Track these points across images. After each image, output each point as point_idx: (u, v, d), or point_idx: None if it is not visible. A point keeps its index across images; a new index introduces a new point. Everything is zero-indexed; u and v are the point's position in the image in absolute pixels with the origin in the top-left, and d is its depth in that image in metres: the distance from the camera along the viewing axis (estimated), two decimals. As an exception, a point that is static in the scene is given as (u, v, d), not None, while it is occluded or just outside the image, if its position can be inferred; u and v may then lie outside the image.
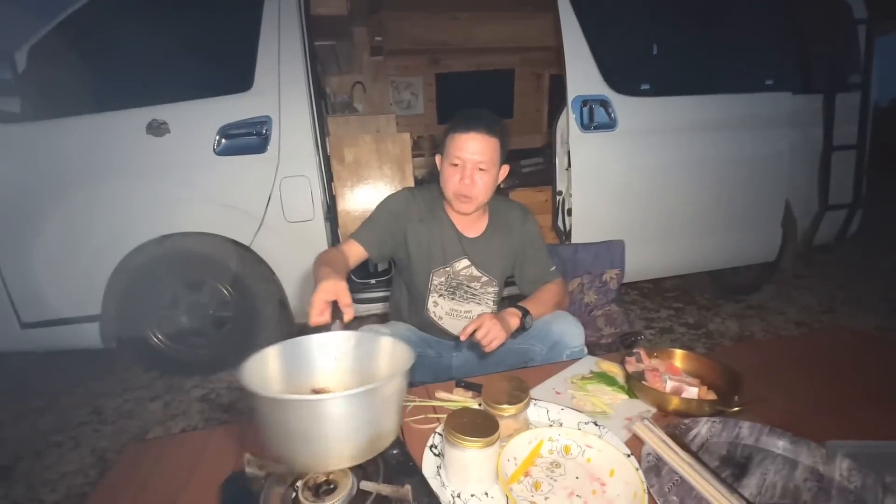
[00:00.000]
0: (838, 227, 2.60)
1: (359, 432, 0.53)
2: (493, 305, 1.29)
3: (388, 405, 0.56)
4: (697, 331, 2.38)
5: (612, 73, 2.02)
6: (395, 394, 0.57)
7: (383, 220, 1.20)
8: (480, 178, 1.13)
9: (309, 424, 0.50)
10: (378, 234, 1.19)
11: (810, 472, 0.68)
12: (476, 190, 1.13)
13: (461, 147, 1.11)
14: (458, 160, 1.12)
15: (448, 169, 1.15)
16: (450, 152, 1.14)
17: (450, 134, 1.14)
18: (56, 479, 1.49)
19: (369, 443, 0.54)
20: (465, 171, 1.12)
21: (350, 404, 0.51)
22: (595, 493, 0.65)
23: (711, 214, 2.28)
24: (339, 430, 0.51)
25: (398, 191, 1.26)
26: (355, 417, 0.52)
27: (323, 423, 0.50)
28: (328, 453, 0.52)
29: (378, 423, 0.55)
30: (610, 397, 0.90)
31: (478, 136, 1.10)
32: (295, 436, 0.51)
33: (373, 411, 0.54)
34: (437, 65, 3.85)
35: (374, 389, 0.51)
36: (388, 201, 1.23)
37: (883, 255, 3.58)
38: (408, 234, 1.20)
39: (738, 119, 2.21)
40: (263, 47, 1.85)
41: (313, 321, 0.80)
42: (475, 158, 1.11)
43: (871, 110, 2.46)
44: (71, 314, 1.85)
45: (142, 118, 1.79)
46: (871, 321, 2.43)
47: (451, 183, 1.14)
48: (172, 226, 1.86)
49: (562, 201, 2.18)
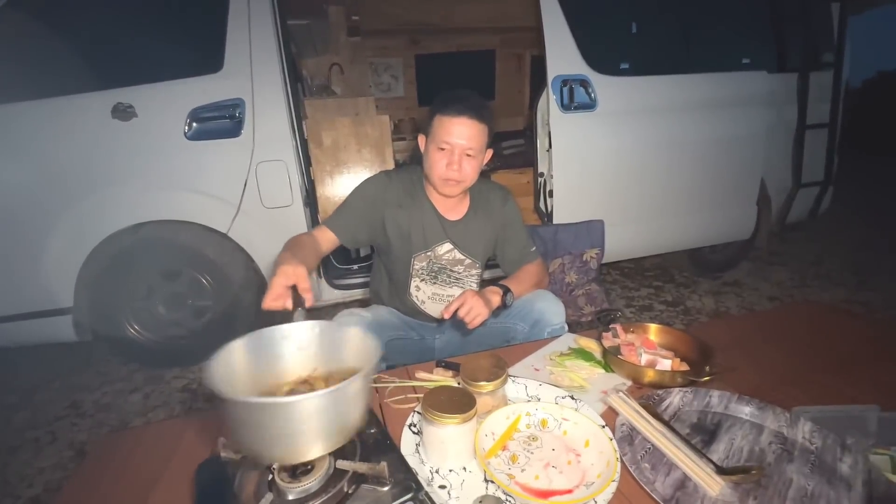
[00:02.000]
0: (811, 204, 2.67)
1: (327, 427, 0.53)
2: (476, 287, 1.29)
3: (356, 399, 0.56)
4: (676, 308, 2.44)
5: (592, 53, 2.00)
6: (363, 389, 0.57)
7: (358, 206, 1.17)
8: (468, 164, 1.11)
9: (276, 424, 0.50)
10: (351, 221, 1.16)
11: (775, 436, 0.71)
12: (463, 174, 1.11)
13: (449, 131, 1.08)
14: (447, 145, 1.09)
15: (434, 153, 1.11)
16: (437, 136, 1.10)
17: (437, 115, 1.10)
18: (33, 474, 1.46)
19: (338, 434, 0.55)
20: (453, 156, 1.09)
21: (318, 404, 0.51)
22: (570, 464, 0.66)
23: (690, 194, 2.31)
24: (308, 428, 0.51)
25: (374, 175, 1.22)
26: (323, 415, 0.52)
27: (290, 421, 0.50)
28: (297, 448, 0.53)
29: (346, 416, 0.55)
30: (587, 372, 0.91)
31: (467, 122, 1.07)
32: (263, 434, 0.51)
33: (341, 407, 0.54)
34: (417, 46, 3.77)
35: (340, 388, 0.51)
36: (363, 186, 1.19)
37: (852, 231, 3.71)
38: (386, 219, 1.18)
39: (716, 98, 2.22)
40: (233, 26, 1.78)
41: (266, 304, 0.79)
42: (464, 144, 1.08)
43: (843, 89, 2.51)
44: (41, 307, 1.79)
45: (106, 101, 1.71)
46: (840, 294, 2.52)
47: (437, 167, 1.11)
48: (145, 214, 1.80)
49: (543, 183, 2.18)
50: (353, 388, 0.53)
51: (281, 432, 0.51)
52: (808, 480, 0.62)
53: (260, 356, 0.64)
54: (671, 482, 0.62)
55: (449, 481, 0.64)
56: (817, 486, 0.60)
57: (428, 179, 1.18)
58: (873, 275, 2.75)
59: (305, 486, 0.55)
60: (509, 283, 1.15)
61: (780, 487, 0.61)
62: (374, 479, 0.57)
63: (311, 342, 0.67)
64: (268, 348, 0.65)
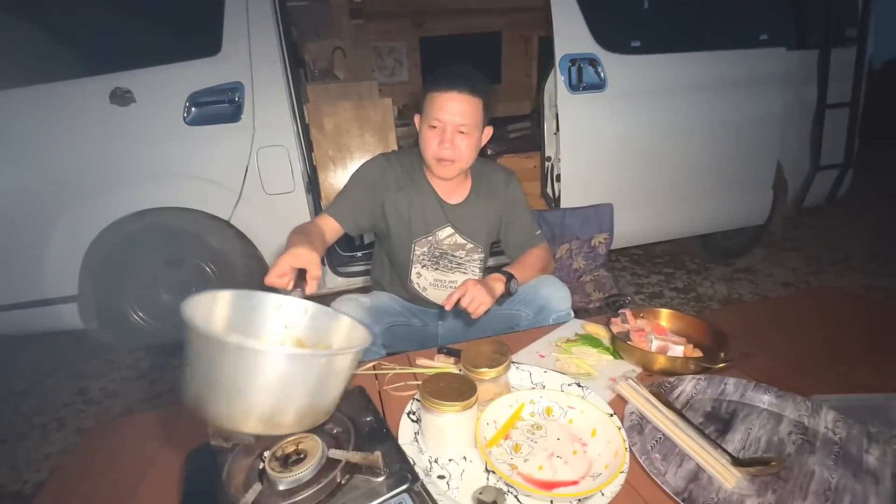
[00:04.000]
0: (829, 188, 2.58)
1: (291, 400, 0.49)
2: (480, 273, 1.25)
3: (336, 377, 0.52)
4: (687, 295, 2.39)
5: (602, 30, 1.92)
6: (346, 369, 0.53)
7: (358, 191, 1.12)
8: (462, 142, 1.05)
9: (240, 374, 0.46)
10: (353, 207, 1.11)
11: (795, 426, 0.67)
12: (457, 153, 1.05)
13: (441, 108, 1.03)
14: (438, 122, 1.04)
15: (427, 131, 1.06)
16: (428, 113, 1.05)
17: (428, 93, 1.05)
18: (40, 459, 1.47)
19: (308, 412, 0.51)
20: (445, 133, 1.04)
21: (293, 364, 0.47)
22: (576, 454, 0.63)
23: (702, 177, 2.24)
24: (269, 391, 0.47)
25: (373, 158, 1.17)
26: (297, 380, 0.48)
27: (256, 376, 0.46)
28: (249, 412, 0.48)
29: (321, 393, 0.51)
30: (594, 359, 0.88)
31: (459, 97, 1.02)
32: (219, 383, 0.46)
33: (321, 379, 0.50)
34: (421, 28, 3.68)
35: (323, 357, 0.48)
36: (362, 171, 1.14)
37: (870, 216, 3.59)
38: (385, 204, 1.13)
39: (731, 77, 2.13)
40: (230, 7, 1.73)
41: (268, 280, 0.75)
42: (456, 121, 1.03)
43: (866, 66, 2.39)
44: (47, 295, 1.80)
45: (104, 86, 1.68)
46: (858, 281, 2.44)
47: (430, 146, 1.06)
48: (147, 201, 1.78)
49: (550, 167, 2.13)
50: (338, 362, 0.50)
51: (237, 385, 0.46)
52: (831, 473, 0.58)
53: (243, 317, 0.60)
54: (683, 474, 0.59)
55: (448, 471, 0.62)
56: (842, 479, 0.56)
57: (424, 159, 1.12)
58: (893, 261, 2.66)
59: (296, 475, 0.53)
60: (513, 269, 1.10)
61: (802, 480, 0.57)
62: (369, 469, 0.54)
63: (300, 322, 0.63)
64: (255, 311, 0.62)
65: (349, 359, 0.53)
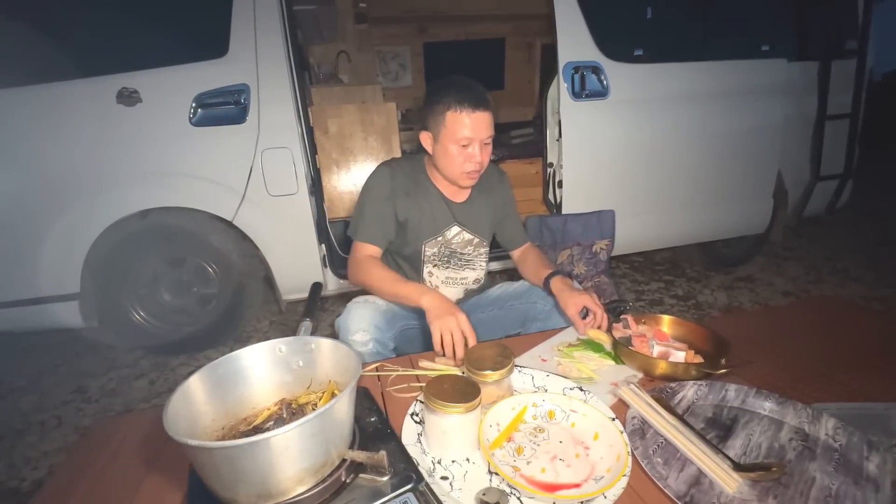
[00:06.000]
0: (829, 198, 2.59)
1: (309, 460, 0.50)
2: (485, 265, 1.29)
3: (336, 424, 0.53)
4: (687, 302, 2.39)
5: (605, 39, 1.94)
6: (345, 409, 0.54)
7: (377, 208, 1.15)
8: (487, 153, 1.12)
9: (243, 466, 0.46)
10: (380, 225, 1.15)
11: (795, 432, 0.67)
12: (483, 163, 1.11)
13: (471, 128, 1.05)
14: (468, 141, 1.07)
15: (455, 150, 1.08)
16: (456, 133, 1.06)
17: (450, 112, 1.05)
18: (38, 457, 1.47)
19: (323, 464, 0.52)
20: (476, 149, 1.08)
21: (290, 437, 0.47)
22: (578, 457, 0.63)
23: (703, 186, 2.25)
24: (283, 465, 0.48)
25: (376, 170, 1.18)
26: (300, 447, 0.49)
27: (259, 463, 0.47)
28: (275, 488, 0.49)
29: (328, 443, 0.52)
30: (596, 364, 0.88)
31: (484, 115, 1.06)
32: (234, 478, 0.48)
33: (320, 436, 0.50)
34: (425, 33, 3.71)
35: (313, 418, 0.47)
36: (372, 186, 1.16)
37: (871, 226, 3.60)
38: (397, 211, 1.16)
39: (733, 87, 2.15)
40: (238, 10, 1.75)
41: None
42: (484, 136, 1.08)
43: (866, 78, 2.41)
44: (48, 293, 1.80)
45: (111, 86, 1.70)
46: (858, 290, 2.45)
47: (459, 163, 1.09)
48: (150, 201, 1.79)
49: (552, 173, 2.14)
50: (333, 412, 0.50)
51: (252, 474, 0.47)
52: (831, 480, 0.58)
53: (224, 390, 0.61)
54: (685, 478, 0.59)
55: (451, 472, 0.62)
56: (842, 486, 0.57)
57: (442, 174, 1.16)
58: (893, 271, 2.67)
59: (301, 474, 0.53)
60: (549, 267, 1.16)
61: (802, 486, 0.57)
62: (373, 468, 0.54)
63: (280, 365, 0.64)
64: (233, 380, 0.62)
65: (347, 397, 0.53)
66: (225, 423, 0.60)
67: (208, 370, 0.60)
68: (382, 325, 1.05)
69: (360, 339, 1.01)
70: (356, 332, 1.02)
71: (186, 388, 0.55)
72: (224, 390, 0.61)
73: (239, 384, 0.62)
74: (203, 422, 0.57)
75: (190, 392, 0.56)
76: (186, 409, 0.54)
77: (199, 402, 0.57)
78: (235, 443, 0.44)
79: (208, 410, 0.58)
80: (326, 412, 0.48)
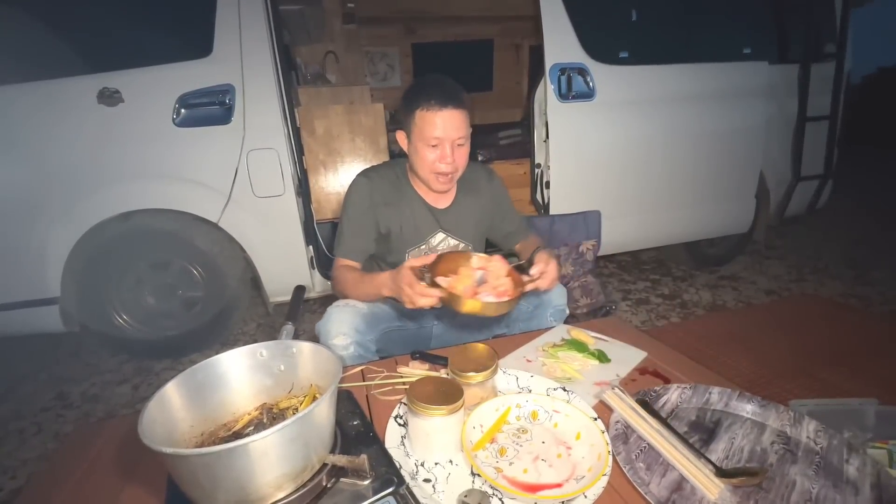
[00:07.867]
0: (809, 198, 2.65)
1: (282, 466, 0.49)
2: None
3: (316, 429, 0.52)
4: (672, 301, 2.42)
5: (591, 41, 1.96)
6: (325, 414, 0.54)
7: (358, 221, 1.14)
8: (459, 154, 1.08)
9: (221, 473, 0.46)
10: (361, 239, 1.14)
11: (777, 435, 0.68)
12: (455, 165, 1.09)
13: (439, 126, 1.04)
14: (437, 140, 1.05)
15: (424, 149, 1.07)
16: (424, 132, 1.05)
17: (419, 111, 1.05)
18: (17, 465, 1.43)
19: (304, 469, 0.51)
20: (445, 149, 1.06)
21: (266, 444, 0.46)
22: (560, 457, 0.64)
23: (688, 186, 2.28)
24: (264, 470, 0.48)
25: (354, 182, 1.17)
26: (280, 452, 0.48)
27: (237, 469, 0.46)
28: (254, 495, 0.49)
29: (308, 448, 0.51)
30: (580, 363, 0.89)
31: (454, 113, 1.04)
32: (208, 484, 0.47)
33: (299, 441, 0.50)
34: (414, 34, 3.70)
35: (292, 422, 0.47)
36: (352, 199, 1.15)
37: (851, 226, 3.69)
38: (379, 221, 1.15)
39: (716, 89, 2.19)
40: (222, 9, 1.73)
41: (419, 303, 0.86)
42: (453, 136, 1.05)
43: (844, 81, 2.47)
44: (28, 297, 1.76)
45: (92, 86, 1.67)
46: (837, 288, 2.50)
47: (428, 164, 1.08)
48: (133, 202, 1.76)
49: (540, 174, 2.15)
50: (313, 416, 0.50)
51: (230, 481, 0.46)
52: (812, 483, 0.59)
53: (202, 397, 0.60)
54: (667, 484, 0.60)
55: (434, 475, 0.62)
56: (822, 489, 0.57)
57: (417, 176, 1.15)
58: (872, 269, 2.73)
59: (281, 479, 0.52)
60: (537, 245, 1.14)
61: (783, 490, 0.58)
62: (354, 472, 0.54)
63: (260, 370, 0.64)
64: (211, 386, 0.61)
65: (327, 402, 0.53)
66: (204, 429, 0.59)
67: (186, 376, 0.59)
68: (363, 328, 1.04)
69: (340, 342, 1.00)
70: (336, 336, 1.00)
71: (163, 395, 0.54)
72: (203, 396, 0.60)
73: (219, 389, 0.62)
74: (181, 428, 0.56)
75: (167, 398, 0.55)
76: (163, 416, 0.53)
77: (176, 408, 0.56)
78: (211, 449, 0.44)
79: (186, 416, 0.57)
80: (306, 416, 0.48)
